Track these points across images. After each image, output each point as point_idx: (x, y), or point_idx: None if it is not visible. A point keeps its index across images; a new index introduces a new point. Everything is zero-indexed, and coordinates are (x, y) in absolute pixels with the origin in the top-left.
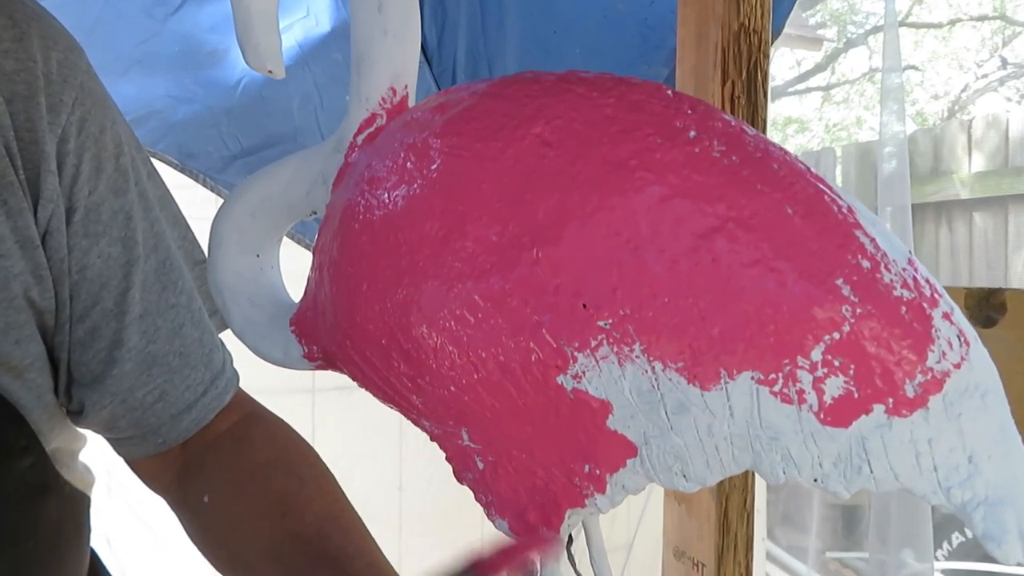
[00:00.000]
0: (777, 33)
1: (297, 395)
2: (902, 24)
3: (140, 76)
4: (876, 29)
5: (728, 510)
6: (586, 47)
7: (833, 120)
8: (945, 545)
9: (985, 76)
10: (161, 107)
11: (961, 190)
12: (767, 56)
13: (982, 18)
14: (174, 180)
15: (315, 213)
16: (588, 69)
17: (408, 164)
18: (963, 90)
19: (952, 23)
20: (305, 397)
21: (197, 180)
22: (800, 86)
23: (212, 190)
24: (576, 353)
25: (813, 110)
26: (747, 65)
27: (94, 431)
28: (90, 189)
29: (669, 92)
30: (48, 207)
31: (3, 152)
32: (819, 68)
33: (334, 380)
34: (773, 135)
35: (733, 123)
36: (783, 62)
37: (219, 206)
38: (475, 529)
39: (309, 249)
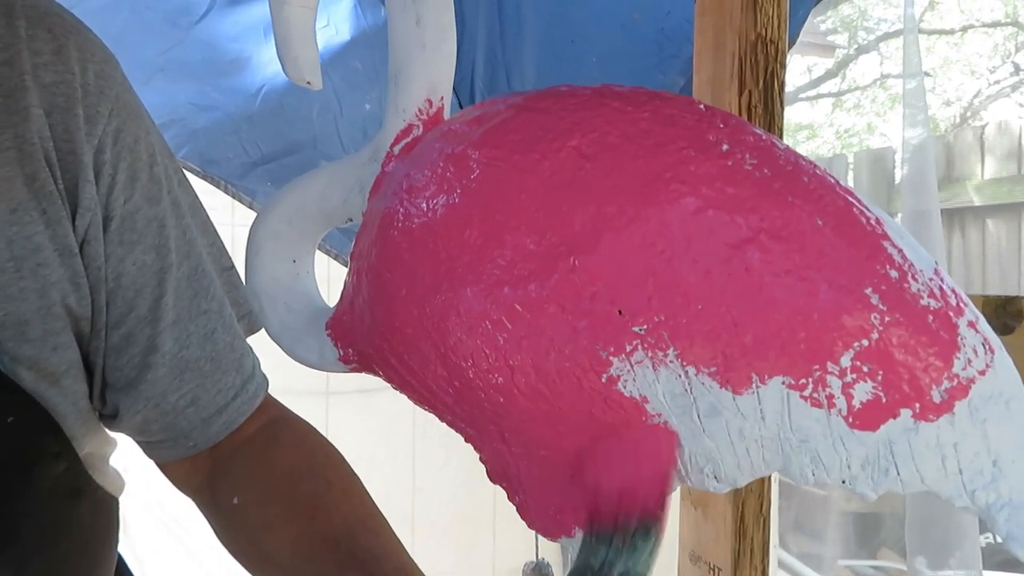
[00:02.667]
0: (792, 42)
1: (311, 398)
2: (908, 32)
3: (163, 84)
4: (887, 35)
5: (744, 515)
6: (603, 56)
7: (844, 126)
8: (957, 553)
9: (997, 82)
10: (183, 115)
11: (974, 196)
12: (783, 66)
13: (995, 24)
14: (195, 186)
15: (351, 220)
16: (605, 77)
17: (447, 174)
18: (975, 96)
19: (964, 29)
20: (319, 400)
21: (218, 186)
22: (811, 92)
23: (233, 196)
24: (611, 357)
25: (824, 116)
26: (764, 75)
27: (127, 435)
28: (126, 198)
29: (702, 106)
30: (86, 216)
31: (43, 162)
32: (830, 74)
33: (349, 383)
34: (784, 142)
35: (764, 137)
36: (794, 68)
37: (236, 211)
38: (487, 531)
39: (330, 255)
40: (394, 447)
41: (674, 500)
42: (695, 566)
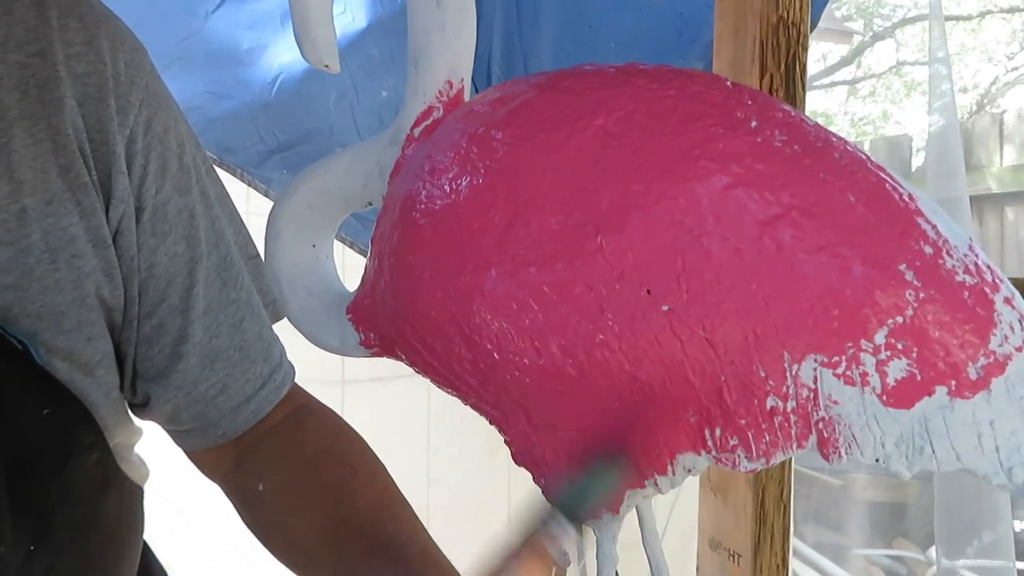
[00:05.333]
0: (813, 26)
1: (326, 386)
2: (933, 17)
3: (180, 73)
4: (904, 22)
5: (765, 501)
6: (621, 41)
7: (859, 114)
8: (976, 542)
9: (1016, 69)
10: (200, 103)
11: (992, 184)
12: (806, 49)
13: (1012, 10)
14: None
15: (371, 204)
16: (623, 63)
17: (470, 154)
18: (993, 83)
19: (982, 15)
20: (335, 388)
21: (235, 175)
22: (825, 80)
23: (249, 184)
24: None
25: (838, 104)
26: (786, 58)
27: (157, 423)
28: (157, 188)
29: (728, 83)
30: (119, 207)
31: (77, 153)
32: (845, 62)
33: (364, 372)
34: None
35: (793, 113)
36: (808, 55)
37: (251, 200)
38: (503, 520)
39: (344, 243)
40: (409, 436)
41: (693, 486)
42: (715, 552)
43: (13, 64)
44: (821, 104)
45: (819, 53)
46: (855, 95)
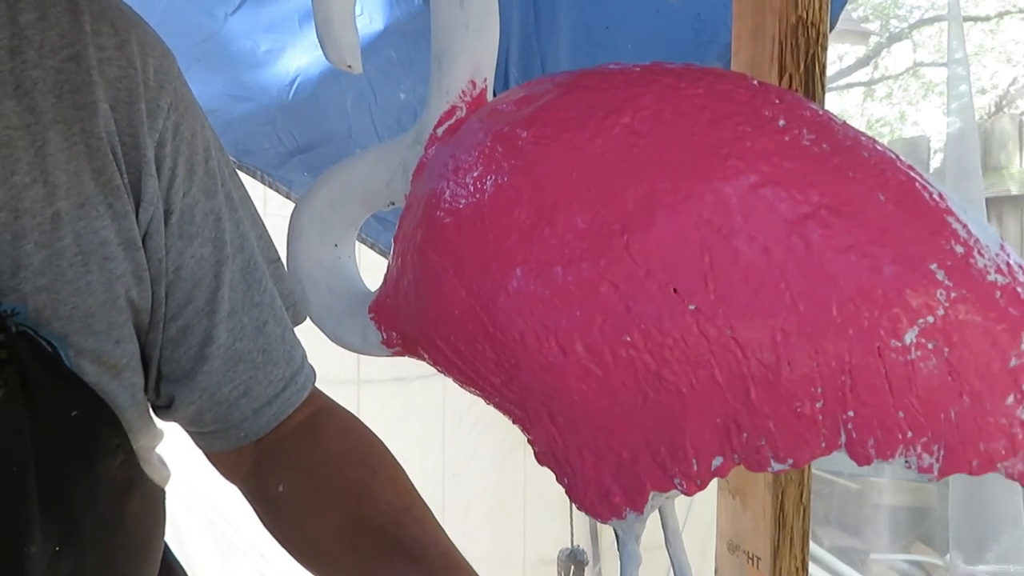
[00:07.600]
0: (832, 26)
1: (342, 386)
2: (951, 17)
3: (199, 75)
4: (920, 23)
5: (784, 504)
6: (638, 42)
7: (876, 116)
8: (993, 547)
9: None
10: (218, 105)
11: (1012, 186)
12: (825, 49)
13: None
14: None
15: (393, 203)
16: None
17: (495, 153)
18: (1011, 84)
19: (1000, 16)
20: (350, 388)
21: (254, 176)
22: (842, 81)
23: (270, 186)
24: (667, 337)
25: (855, 106)
26: (805, 58)
27: (179, 424)
28: (184, 191)
29: (755, 82)
30: (149, 209)
31: (109, 157)
32: (861, 63)
33: (380, 372)
34: None
35: (821, 112)
36: (827, 55)
37: (268, 203)
38: (518, 520)
39: (365, 244)
40: (424, 436)
41: (710, 488)
42: (734, 555)
43: (48, 69)
44: (837, 106)
45: (835, 54)
46: (871, 96)
